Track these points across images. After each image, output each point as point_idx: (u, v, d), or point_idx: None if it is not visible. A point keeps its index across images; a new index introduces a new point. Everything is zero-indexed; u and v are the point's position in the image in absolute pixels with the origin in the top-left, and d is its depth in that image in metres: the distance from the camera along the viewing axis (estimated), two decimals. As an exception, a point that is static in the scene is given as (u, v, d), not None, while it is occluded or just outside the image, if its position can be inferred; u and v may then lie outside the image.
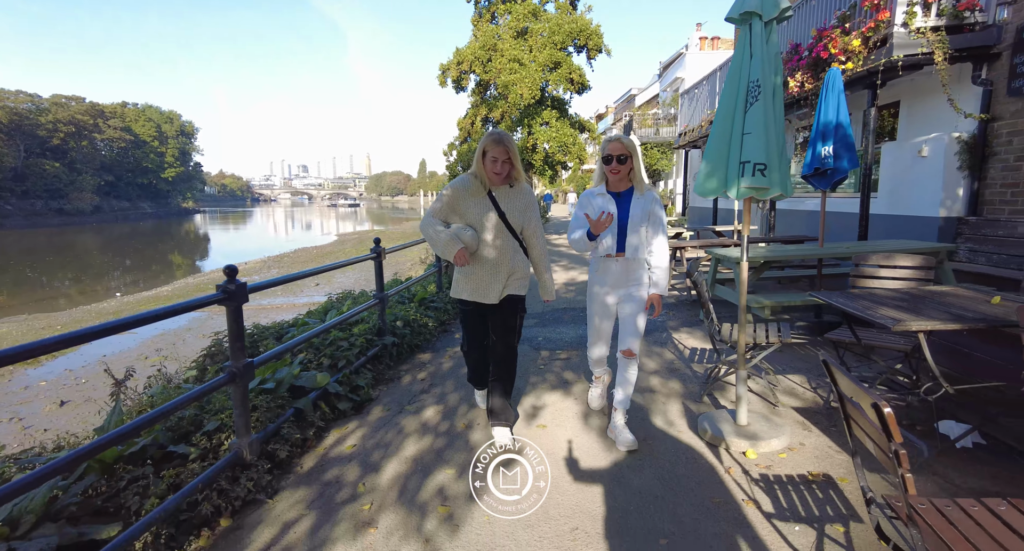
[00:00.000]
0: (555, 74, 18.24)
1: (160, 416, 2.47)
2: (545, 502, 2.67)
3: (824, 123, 5.28)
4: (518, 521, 2.55)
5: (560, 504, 2.67)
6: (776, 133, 3.01)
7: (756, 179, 2.95)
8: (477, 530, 2.50)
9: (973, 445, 3.02)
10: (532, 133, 18.65)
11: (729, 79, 3.13)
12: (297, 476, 3.06)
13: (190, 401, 2.66)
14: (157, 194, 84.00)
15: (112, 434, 2.20)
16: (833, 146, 5.23)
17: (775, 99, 3.04)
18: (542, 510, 2.62)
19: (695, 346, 5.23)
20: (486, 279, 3.15)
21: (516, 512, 2.61)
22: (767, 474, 2.87)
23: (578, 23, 18.22)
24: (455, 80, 19.06)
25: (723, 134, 3.12)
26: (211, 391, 2.78)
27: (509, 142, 3.04)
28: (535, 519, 2.56)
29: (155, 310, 2.53)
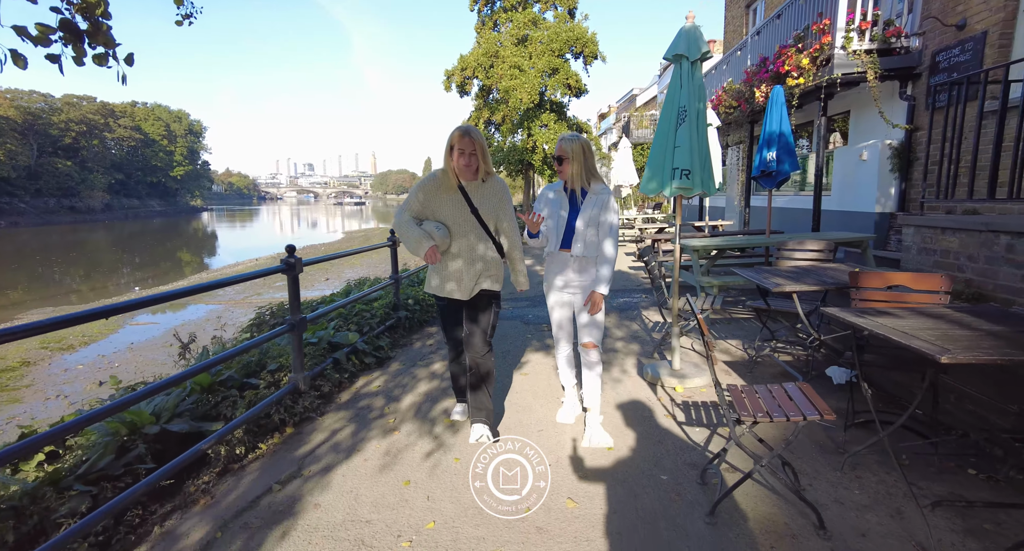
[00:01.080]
0: (553, 79, 19.36)
1: (237, 353, 3.47)
2: (527, 413, 3.68)
3: (769, 133, 6.25)
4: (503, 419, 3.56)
5: (537, 416, 3.67)
6: (699, 146, 4.00)
7: (683, 181, 3.94)
8: (471, 430, 3.51)
9: (846, 382, 4.00)
10: (532, 135, 19.72)
11: (666, 104, 4.12)
12: (337, 404, 4.07)
13: (260, 343, 3.67)
14: (166, 192, 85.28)
15: (204, 363, 3.19)
16: (776, 152, 6.20)
17: (699, 120, 4.02)
18: (519, 418, 3.63)
19: (658, 321, 6.22)
20: (457, 275, 3.16)
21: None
22: (687, 401, 3.87)
23: (575, 31, 19.29)
24: (459, 85, 20.20)
25: (660, 147, 4.11)
26: (275, 337, 3.78)
27: (476, 135, 3.05)
28: (512, 423, 3.57)
29: (238, 276, 3.56)
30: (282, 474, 3.02)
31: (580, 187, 3.21)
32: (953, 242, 4.01)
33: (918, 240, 4.39)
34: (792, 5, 8.29)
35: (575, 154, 3.13)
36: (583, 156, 3.16)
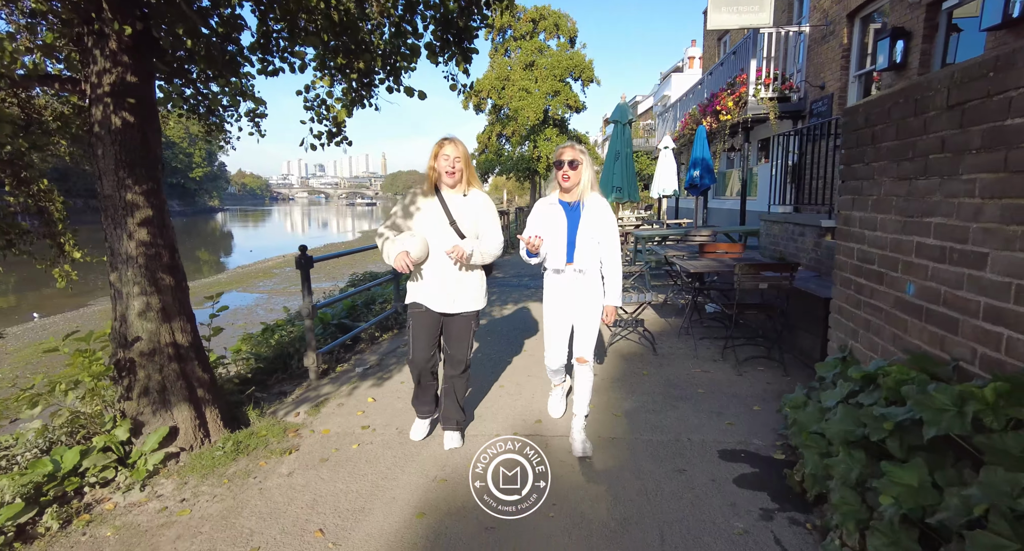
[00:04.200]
0: (555, 100, 22.58)
1: (358, 293, 6.40)
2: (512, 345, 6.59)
3: (695, 158, 9.14)
4: (512, 329, 6.47)
5: (528, 349, 6.57)
6: (626, 173, 6.91)
7: (616, 194, 6.86)
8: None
9: (712, 311, 6.87)
10: (537, 147, 22.89)
11: (609, 148, 7.04)
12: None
13: (370, 288, 6.61)
14: (185, 193, 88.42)
15: (351, 292, 6.12)
16: (699, 171, 9.08)
17: (627, 159, 6.95)
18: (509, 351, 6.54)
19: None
20: (436, 285, 3.10)
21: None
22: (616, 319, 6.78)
23: (575, 59, 22.45)
24: (475, 105, 23.35)
25: (607, 173, 7.04)
26: (379, 284, 6.71)
27: (460, 143, 3.03)
28: (497, 361, 6.48)
29: (363, 247, 6.51)
30: (397, 345, 5.92)
31: (581, 199, 3.11)
32: (775, 229, 6.90)
33: (764, 228, 7.28)
34: (727, 60, 11.16)
35: (587, 162, 3.06)
36: (591, 165, 3.11)
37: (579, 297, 3.16)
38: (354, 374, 4.90)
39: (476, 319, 3.27)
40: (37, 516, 2.69)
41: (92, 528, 2.68)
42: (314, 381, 4.68)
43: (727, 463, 3.14)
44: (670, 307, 7.27)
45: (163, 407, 3.36)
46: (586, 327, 3.20)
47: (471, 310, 3.19)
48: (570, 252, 3.11)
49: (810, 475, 2.46)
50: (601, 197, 3.17)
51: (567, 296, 3.18)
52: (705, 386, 4.36)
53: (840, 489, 2.09)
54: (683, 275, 6.12)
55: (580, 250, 3.09)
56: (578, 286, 3.15)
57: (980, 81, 2.05)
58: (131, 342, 3.34)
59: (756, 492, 2.82)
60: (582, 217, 3.08)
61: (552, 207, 3.15)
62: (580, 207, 3.10)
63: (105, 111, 3.24)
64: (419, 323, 3.19)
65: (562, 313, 3.24)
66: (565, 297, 3.19)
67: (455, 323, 3.20)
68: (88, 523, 2.72)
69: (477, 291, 3.21)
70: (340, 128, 4.51)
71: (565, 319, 3.25)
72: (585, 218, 3.07)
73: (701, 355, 5.14)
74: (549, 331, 3.34)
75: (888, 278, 2.71)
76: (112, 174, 3.32)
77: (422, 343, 3.19)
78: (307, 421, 3.89)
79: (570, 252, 3.11)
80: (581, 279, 3.14)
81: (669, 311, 6.91)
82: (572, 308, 3.21)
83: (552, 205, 3.16)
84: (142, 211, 3.38)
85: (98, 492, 2.99)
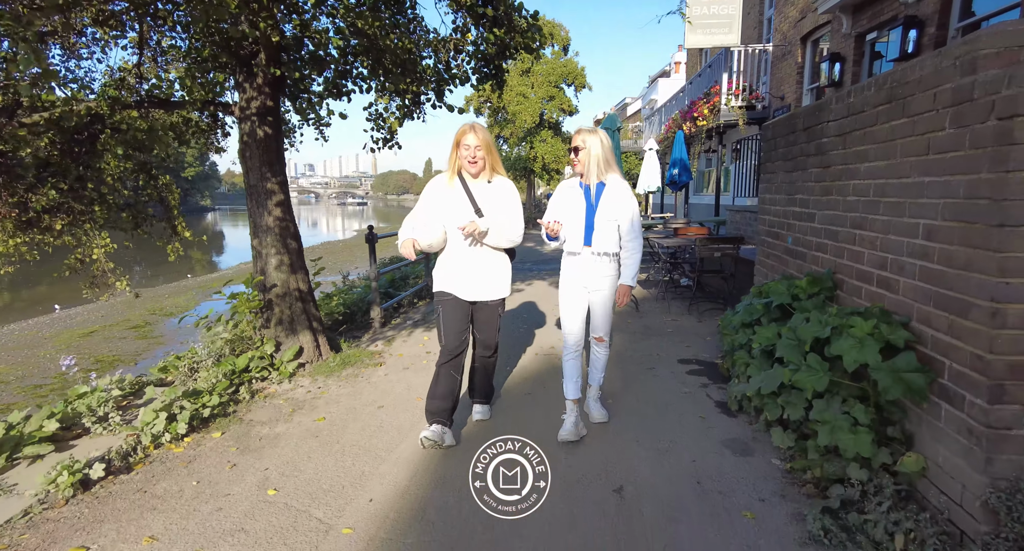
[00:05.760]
0: (550, 105, 24.19)
1: (396, 268, 7.85)
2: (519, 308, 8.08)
3: (674, 159, 10.67)
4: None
5: (531, 335, 8.05)
6: (616, 171, 8.41)
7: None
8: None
9: (685, 283, 8.38)
10: (533, 148, 24.55)
11: (601, 150, 8.55)
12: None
13: (399, 269, 8.07)
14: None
15: (392, 267, 7.57)
16: (678, 170, 10.60)
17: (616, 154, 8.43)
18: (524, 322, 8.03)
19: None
20: (463, 274, 3.15)
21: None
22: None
23: (568, 66, 24.09)
24: (476, 108, 24.89)
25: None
26: (408, 265, 8.17)
27: (482, 131, 3.02)
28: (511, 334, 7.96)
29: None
30: (432, 309, 7.35)
31: (597, 180, 3.14)
32: (737, 217, 8.45)
33: (729, 217, 8.82)
34: (704, 72, 12.73)
35: (591, 145, 3.09)
36: (600, 147, 3.11)
37: (594, 279, 3.20)
38: (407, 325, 6.37)
39: (502, 305, 3.36)
40: (235, 390, 4.15)
41: (268, 400, 4.14)
42: (378, 329, 6.14)
43: (682, 365, 4.66)
44: (651, 282, 8.78)
45: (292, 333, 4.82)
46: (601, 308, 3.28)
47: (497, 298, 3.26)
48: (588, 234, 3.14)
49: (728, 353, 3.97)
50: (622, 179, 3.23)
51: (582, 278, 3.21)
52: (673, 328, 5.87)
53: (737, 352, 3.61)
54: (661, 254, 7.63)
55: (599, 232, 3.13)
56: (593, 268, 3.18)
57: (814, 114, 3.55)
58: (270, 288, 4.80)
59: (699, 377, 4.35)
60: (601, 199, 3.12)
61: (572, 190, 3.23)
62: (599, 189, 3.14)
63: (252, 126, 4.69)
64: (448, 310, 3.19)
65: (577, 294, 3.27)
66: (580, 279, 3.22)
67: (483, 310, 3.28)
68: (265, 397, 4.18)
69: (502, 279, 3.27)
70: (393, 135, 5.99)
71: (581, 300, 3.28)
72: (604, 200, 3.11)
73: (672, 311, 6.66)
74: (565, 311, 3.34)
75: (781, 236, 4.21)
76: (257, 170, 4.76)
77: (452, 330, 3.18)
78: (384, 349, 5.36)
79: (588, 234, 3.14)
80: (596, 261, 3.16)
81: (650, 285, 8.41)
82: (587, 289, 3.24)
83: (572, 188, 3.24)
84: (276, 196, 4.83)
85: (259, 385, 4.44)
